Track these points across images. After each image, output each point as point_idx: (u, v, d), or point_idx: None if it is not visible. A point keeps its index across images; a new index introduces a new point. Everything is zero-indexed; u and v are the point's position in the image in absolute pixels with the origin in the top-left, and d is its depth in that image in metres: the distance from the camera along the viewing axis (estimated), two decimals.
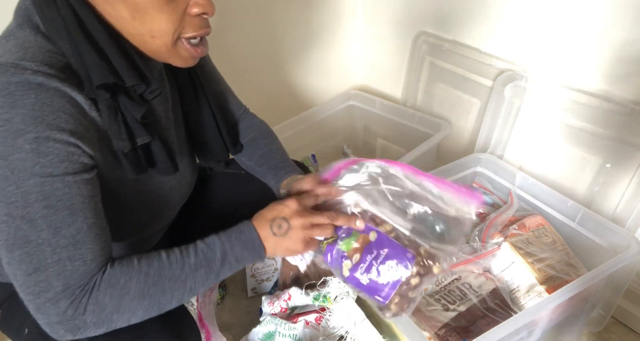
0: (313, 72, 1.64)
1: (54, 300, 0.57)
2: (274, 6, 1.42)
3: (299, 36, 1.53)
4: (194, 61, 0.69)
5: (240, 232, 0.69)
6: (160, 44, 0.63)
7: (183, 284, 0.64)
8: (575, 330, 1.09)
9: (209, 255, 0.66)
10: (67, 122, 0.56)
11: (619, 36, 0.98)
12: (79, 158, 0.58)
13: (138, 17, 0.60)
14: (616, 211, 1.08)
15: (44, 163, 0.55)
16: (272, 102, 1.58)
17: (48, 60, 0.58)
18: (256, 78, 1.51)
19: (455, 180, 1.28)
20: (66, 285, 0.57)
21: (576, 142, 1.12)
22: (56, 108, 0.56)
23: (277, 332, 1.03)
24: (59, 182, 0.56)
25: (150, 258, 0.63)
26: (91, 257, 0.59)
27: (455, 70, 1.36)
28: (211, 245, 0.67)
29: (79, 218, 0.58)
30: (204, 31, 0.66)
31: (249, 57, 1.46)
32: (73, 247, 0.57)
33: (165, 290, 0.62)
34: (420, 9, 1.40)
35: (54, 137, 0.55)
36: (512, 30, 1.19)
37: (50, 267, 0.56)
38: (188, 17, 0.63)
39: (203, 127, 0.85)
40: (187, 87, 0.82)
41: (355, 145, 1.77)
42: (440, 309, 0.97)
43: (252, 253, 0.69)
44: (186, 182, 0.85)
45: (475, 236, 1.10)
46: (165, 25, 0.61)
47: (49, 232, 0.56)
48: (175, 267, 0.63)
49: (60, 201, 0.56)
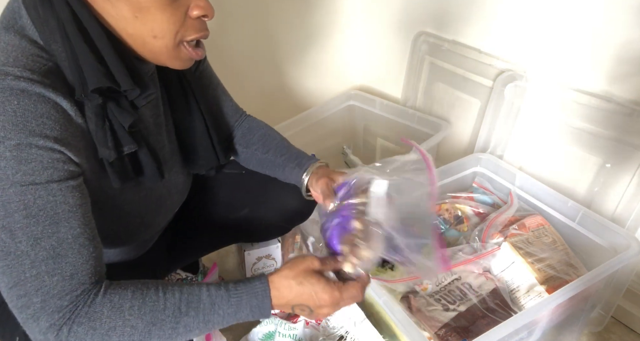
0: (313, 72, 1.64)
1: (34, 317, 0.54)
2: (274, 6, 1.42)
3: (299, 36, 1.53)
4: (191, 63, 0.68)
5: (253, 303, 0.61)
6: (162, 45, 0.62)
7: (171, 336, 0.58)
8: (575, 330, 1.09)
9: (211, 317, 0.60)
10: (52, 129, 0.54)
11: (619, 36, 0.98)
12: (64, 165, 0.55)
13: (140, 17, 0.59)
14: (616, 211, 1.08)
15: (26, 171, 0.53)
16: (272, 102, 1.58)
17: (32, 64, 0.56)
18: (256, 78, 1.51)
19: (455, 180, 1.29)
20: (45, 302, 0.54)
21: (576, 142, 1.12)
22: (39, 115, 0.54)
23: (277, 332, 1.03)
24: (42, 190, 0.54)
25: (144, 305, 0.57)
26: (71, 272, 0.55)
27: (455, 70, 1.36)
28: (217, 305, 0.60)
29: (62, 228, 0.55)
30: (204, 34, 0.65)
31: (249, 58, 1.46)
32: (53, 260, 0.54)
33: (152, 337, 0.57)
34: (420, 9, 1.40)
35: (37, 143, 0.53)
36: (512, 30, 1.19)
37: (29, 282, 0.53)
38: (189, 19, 0.62)
39: (193, 133, 0.83)
40: (176, 92, 0.80)
41: (355, 145, 1.77)
42: (440, 309, 0.97)
43: (257, 317, 0.63)
44: (178, 190, 0.83)
45: (475, 236, 1.10)
46: (167, 26, 0.60)
47: (27, 244, 0.53)
48: (168, 326, 0.58)
49: (42, 210, 0.54)
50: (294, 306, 0.63)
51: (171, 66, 0.67)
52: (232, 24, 1.35)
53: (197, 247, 1.06)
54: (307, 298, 0.62)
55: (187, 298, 0.59)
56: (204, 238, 1.03)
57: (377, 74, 1.69)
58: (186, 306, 0.59)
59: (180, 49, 0.64)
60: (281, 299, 0.62)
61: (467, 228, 1.18)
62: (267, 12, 1.42)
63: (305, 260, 0.63)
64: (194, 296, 0.59)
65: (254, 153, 0.93)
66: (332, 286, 0.62)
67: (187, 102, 0.81)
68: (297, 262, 0.63)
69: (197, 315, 0.59)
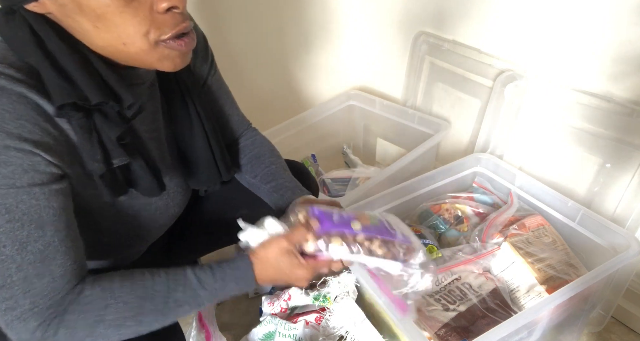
0: (313, 72, 1.64)
1: (21, 318, 0.53)
2: (274, 7, 1.42)
3: (298, 36, 1.53)
4: (185, 58, 0.62)
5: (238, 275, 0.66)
6: (136, 51, 0.57)
7: (164, 317, 0.61)
8: (575, 330, 1.09)
9: (198, 292, 0.62)
10: (31, 132, 0.52)
11: (619, 36, 0.98)
12: (46, 168, 0.54)
13: (101, 26, 0.55)
14: (616, 211, 1.08)
15: (5, 174, 0.51)
16: (272, 102, 1.58)
17: (18, 63, 0.54)
18: (256, 78, 1.51)
19: (455, 180, 1.29)
20: (34, 303, 0.54)
21: (576, 142, 1.12)
22: (18, 116, 0.51)
23: (277, 332, 1.03)
24: (24, 194, 0.52)
25: (133, 284, 0.59)
26: (61, 273, 0.55)
27: (455, 70, 1.36)
28: (203, 281, 0.63)
29: (48, 232, 0.54)
30: (182, 27, 0.58)
31: (248, 58, 1.46)
32: (41, 263, 0.54)
33: (143, 321, 0.59)
34: (420, 9, 1.40)
35: (15, 146, 0.51)
36: (512, 30, 1.19)
37: (16, 285, 0.53)
38: (158, 15, 0.56)
39: (194, 148, 0.80)
40: (178, 105, 0.77)
41: (355, 145, 1.77)
42: (440, 309, 0.97)
43: (243, 288, 0.68)
44: (176, 203, 0.81)
45: (475, 236, 1.10)
46: (132, 29, 0.55)
47: (12, 248, 0.52)
48: (159, 300, 0.59)
49: (26, 214, 0.52)
50: (274, 281, 0.70)
51: (164, 69, 0.61)
52: (232, 24, 1.35)
53: (196, 248, 1.06)
54: (284, 274, 0.69)
55: (174, 277, 0.62)
56: (202, 239, 1.03)
57: (377, 74, 1.69)
58: (174, 283, 0.61)
59: (159, 50, 0.59)
60: (264, 277, 0.68)
61: (467, 228, 1.18)
62: (268, 12, 1.42)
63: (277, 241, 0.68)
64: (179, 276, 0.62)
65: (243, 176, 0.92)
66: (302, 263, 0.69)
67: (189, 116, 0.78)
68: (270, 245, 0.68)
69: (185, 290, 0.62)
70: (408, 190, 1.21)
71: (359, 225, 0.71)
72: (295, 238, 0.69)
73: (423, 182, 1.23)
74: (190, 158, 0.81)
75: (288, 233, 0.69)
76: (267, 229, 0.71)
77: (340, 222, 0.71)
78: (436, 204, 1.24)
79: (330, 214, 0.72)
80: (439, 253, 1.06)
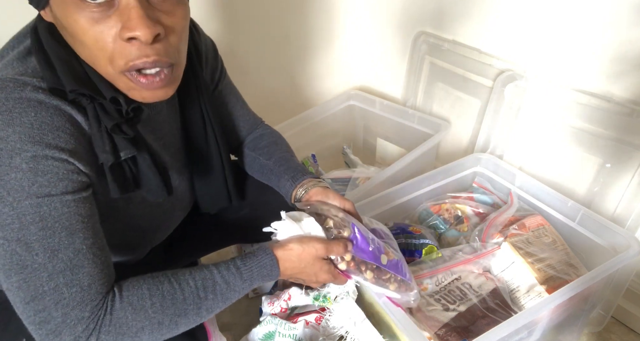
0: (313, 72, 1.64)
1: (56, 332, 0.53)
2: (274, 7, 1.42)
3: (299, 36, 1.53)
4: (154, 94, 0.59)
5: (264, 273, 0.68)
6: (105, 73, 0.57)
7: (196, 324, 0.63)
8: (575, 330, 1.09)
9: (229, 295, 0.65)
10: (67, 142, 0.55)
11: (619, 36, 0.98)
12: (78, 177, 0.56)
13: (77, 43, 0.56)
14: (616, 211, 1.08)
15: (42, 183, 0.53)
16: (273, 102, 1.58)
17: None
18: (256, 78, 1.51)
19: (455, 180, 1.29)
20: (66, 315, 0.54)
21: (576, 142, 1.12)
22: (56, 128, 0.54)
23: (277, 332, 1.03)
24: (57, 202, 0.54)
25: (164, 300, 0.59)
26: (88, 282, 0.55)
27: (455, 70, 1.36)
28: (231, 283, 0.65)
29: (77, 239, 0.55)
30: (142, 61, 0.54)
31: (249, 58, 1.46)
32: (70, 271, 0.54)
33: (178, 332, 0.62)
34: (420, 9, 1.40)
35: (53, 155, 0.53)
36: (512, 30, 1.19)
37: (47, 295, 0.53)
38: (123, 43, 0.54)
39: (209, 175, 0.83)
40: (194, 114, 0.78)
41: (355, 145, 1.77)
42: (440, 309, 0.97)
43: (268, 281, 0.69)
44: (182, 206, 0.83)
45: (475, 236, 1.10)
46: (95, 52, 0.55)
47: (44, 256, 0.53)
48: (192, 313, 0.61)
49: (57, 222, 0.54)
50: (292, 276, 0.72)
51: (134, 98, 0.60)
52: (232, 24, 1.35)
53: (197, 248, 1.06)
54: (306, 274, 0.71)
55: (203, 284, 0.62)
56: (203, 239, 1.03)
57: (377, 74, 1.69)
58: (204, 291, 0.62)
59: (123, 80, 0.57)
60: (287, 273, 0.70)
61: (467, 228, 1.18)
62: (268, 13, 1.42)
63: (314, 245, 0.70)
64: (208, 281, 0.63)
65: (257, 158, 0.93)
66: (335, 273, 0.73)
67: (204, 128, 0.79)
68: (307, 246, 0.69)
69: (215, 296, 0.63)
70: (408, 190, 1.21)
71: (386, 260, 0.78)
72: (334, 252, 0.71)
73: (423, 182, 1.23)
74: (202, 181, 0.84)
75: (327, 243, 0.71)
76: (303, 228, 0.72)
77: (373, 255, 0.76)
78: (436, 204, 1.24)
79: (367, 241, 0.76)
80: (439, 253, 1.05)
